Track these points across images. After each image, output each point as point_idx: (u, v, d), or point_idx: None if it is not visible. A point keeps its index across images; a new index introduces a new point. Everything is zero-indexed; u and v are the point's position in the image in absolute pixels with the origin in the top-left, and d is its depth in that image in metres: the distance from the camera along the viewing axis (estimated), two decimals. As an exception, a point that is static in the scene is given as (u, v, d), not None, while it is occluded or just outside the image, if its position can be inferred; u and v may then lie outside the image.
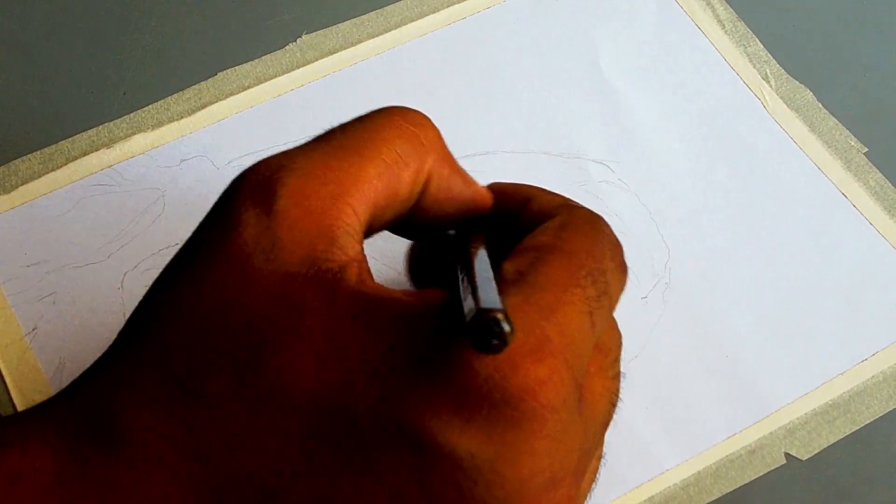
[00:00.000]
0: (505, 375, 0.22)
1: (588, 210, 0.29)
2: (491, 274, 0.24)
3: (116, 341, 0.25)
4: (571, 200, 0.30)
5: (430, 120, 0.29)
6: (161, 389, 0.23)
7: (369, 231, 0.27)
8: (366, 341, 0.23)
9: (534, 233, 0.27)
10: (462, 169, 0.30)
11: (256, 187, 0.25)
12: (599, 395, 0.26)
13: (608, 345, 0.28)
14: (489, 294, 0.22)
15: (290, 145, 0.46)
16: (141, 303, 0.25)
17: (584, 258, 0.26)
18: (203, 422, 0.23)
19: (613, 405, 0.27)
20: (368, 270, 0.25)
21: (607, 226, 0.29)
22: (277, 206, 0.24)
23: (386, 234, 0.30)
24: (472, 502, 0.22)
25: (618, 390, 0.28)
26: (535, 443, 0.22)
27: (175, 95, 0.48)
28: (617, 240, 0.29)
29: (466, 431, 0.22)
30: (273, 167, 0.25)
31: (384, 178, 0.26)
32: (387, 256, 0.43)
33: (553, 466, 0.23)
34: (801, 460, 0.40)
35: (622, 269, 0.28)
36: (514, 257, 0.26)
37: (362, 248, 0.25)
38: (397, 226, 0.29)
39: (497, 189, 0.31)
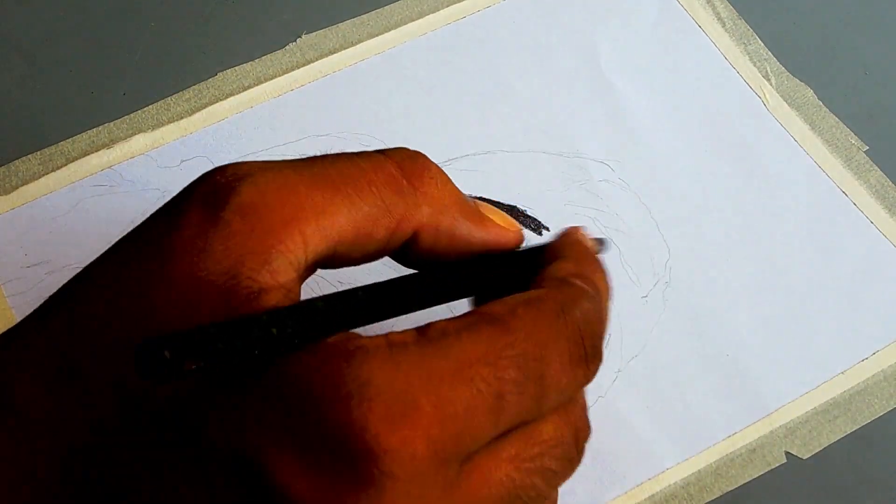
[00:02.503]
0: (355, 432, 0.22)
1: (576, 292, 0.27)
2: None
3: (30, 314, 0.26)
4: (586, 273, 0.28)
5: (433, 168, 0.28)
6: (49, 369, 0.24)
7: (330, 264, 0.27)
8: None
9: (500, 299, 0.26)
10: (477, 212, 0.29)
11: (212, 191, 0.25)
12: (496, 481, 0.25)
13: (543, 437, 0.26)
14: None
15: (290, 145, 0.47)
16: (76, 275, 0.26)
17: (521, 339, 0.25)
18: (74, 407, 0.24)
19: (516, 497, 0.25)
20: (294, 301, 0.25)
21: (586, 313, 0.27)
22: (223, 214, 0.24)
23: None
24: None
25: (534, 486, 0.26)
26: (377, 502, 0.22)
27: (175, 95, 0.48)
28: (589, 331, 0.27)
29: (304, 476, 0.22)
30: (237, 174, 0.25)
31: (354, 219, 0.26)
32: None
33: None
34: (802, 459, 0.40)
35: (580, 362, 0.26)
36: (459, 317, 0.25)
37: (299, 278, 0.25)
38: (402, 261, 0.29)
39: (561, 235, 0.30)
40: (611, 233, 0.45)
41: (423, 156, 0.28)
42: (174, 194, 0.26)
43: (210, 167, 0.46)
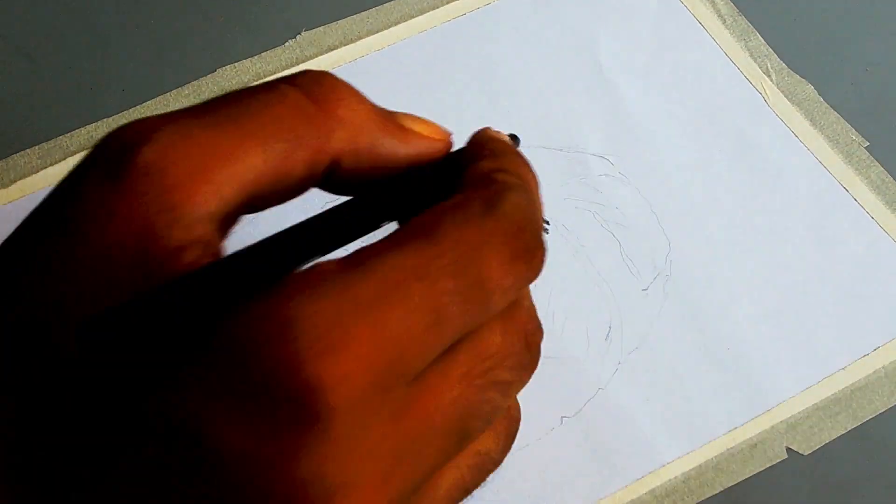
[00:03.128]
0: (289, 371, 0.21)
1: (500, 186, 0.26)
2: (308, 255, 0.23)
3: None
4: (508, 167, 0.27)
5: (343, 88, 0.26)
6: None
7: (253, 207, 0.25)
8: None
9: (426, 211, 0.25)
10: (399, 126, 0.27)
11: (111, 156, 0.24)
12: (447, 402, 0.24)
13: (492, 349, 0.25)
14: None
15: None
16: None
17: (449, 245, 0.23)
18: None
19: (470, 415, 0.24)
20: (216, 254, 0.24)
21: (518, 204, 0.25)
22: (124, 178, 0.23)
23: None
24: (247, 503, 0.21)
25: (488, 401, 0.25)
26: (317, 445, 0.21)
27: (174, 92, 0.48)
28: (524, 222, 0.25)
29: (241, 427, 0.21)
30: (135, 134, 0.24)
31: (266, 158, 0.24)
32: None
33: (343, 471, 0.21)
34: (803, 455, 0.40)
35: (522, 257, 0.25)
36: (384, 238, 0.24)
37: (218, 230, 0.24)
38: (329, 188, 0.27)
39: (473, 138, 0.29)
40: (611, 226, 0.45)
41: (330, 75, 0.26)
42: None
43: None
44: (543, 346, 0.41)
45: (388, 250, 0.23)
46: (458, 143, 0.29)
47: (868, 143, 0.47)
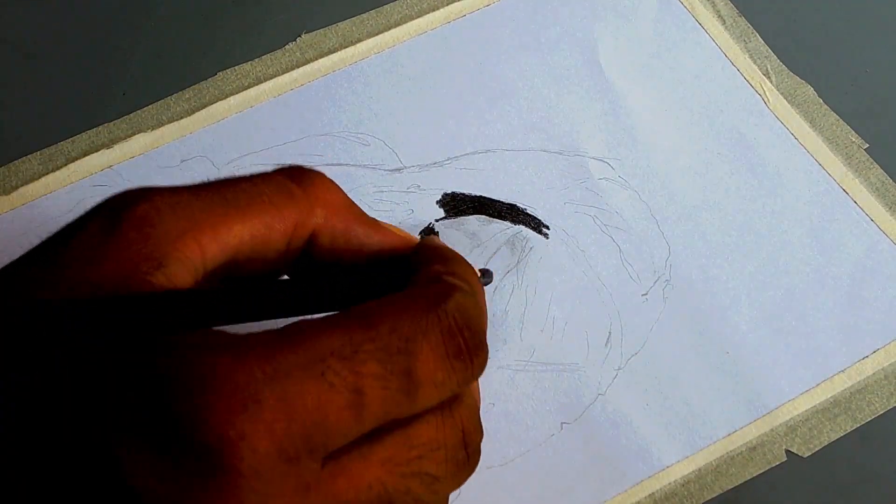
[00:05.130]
0: (196, 425, 0.22)
1: (446, 286, 0.27)
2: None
3: None
4: (456, 271, 0.28)
5: (323, 177, 0.29)
6: None
7: (235, 272, 0.28)
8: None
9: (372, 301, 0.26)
10: (370, 220, 0.30)
11: (112, 207, 0.26)
12: (364, 484, 0.24)
13: (421, 439, 0.26)
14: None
15: (290, 145, 0.47)
16: None
17: (383, 332, 0.24)
18: None
19: (389, 503, 0.25)
20: None
21: (461, 305, 0.27)
22: (119, 225, 0.26)
23: None
24: None
25: (409, 492, 0.25)
26: (219, 498, 0.22)
27: (175, 95, 0.48)
28: (466, 323, 0.26)
29: (153, 468, 0.22)
30: (135, 196, 0.26)
31: (250, 226, 0.27)
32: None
33: None
34: (802, 457, 0.40)
35: (459, 355, 0.26)
36: (326, 316, 0.25)
37: (195, 284, 0.26)
38: (309, 273, 0.30)
39: (422, 243, 0.31)
40: (611, 230, 0.45)
41: (314, 169, 0.29)
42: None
43: (210, 167, 0.47)
44: (543, 352, 0.42)
45: (320, 327, 0.24)
46: (455, 145, 0.30)
47: (868, 145, 0.47)
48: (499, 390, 0.41)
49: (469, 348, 0.26)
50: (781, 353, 0.42)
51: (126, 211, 0.26)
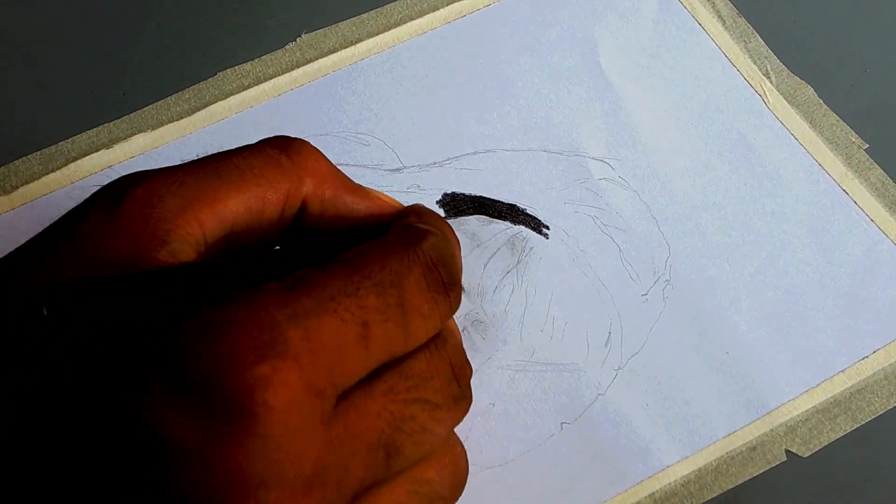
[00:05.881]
0: (223, 367, 0.23)
1: (421, 230, 0.29)
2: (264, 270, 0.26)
3: None
4: (430, 222, 0.31)
5: (309, 146, 0.30)
6: None
7: (233, 244, 0.29)
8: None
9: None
10: (357, 186, 0.31)
11: (110, 193, 0.27)
12: (373, 413, 0.26)
13: (416, 370, 0.27)
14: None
15: (290, 144, 0.46)
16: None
17: (375, 269, 0.26)
18: None
19: (396, 429, 0.26)
20: None
21: (435, 244, 0.29)
22: (119, 208, 0.27)
23: None
24: (179, 488, 0.23)
25: (412, 417, 0.27)
26: (245, 440, 0.23)
27: (175, 95, 0.48)
28: (440, 259, 0.28)
29: (179, 417, 0.22)
30: (132, 179, 0.28)
31: (244, 199, 0.28)
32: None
33: (267, 469, 0.23)
34: (802, 457, 0.40)
35: (439, 289, 0.28)
36: (321, 266, 0.27)
37: (198, 258, 0.27)
38: (301, 242, 0.31)
39: (408, 207, 0.32)
40: (611, 231, 0.45)
41: (301, 139, 0.31)
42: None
43: (210, 167, 0.46)
44: (543, 352, 0.42)
45: (322, 272, 0.26)
46: (455, 146, 0.30)
47: (868, 146, 0.47)
48: (499, 390, 0.41)
49: (445, 283, 0.28)
50: (781, 353, 0.42)
51: (125, 195, 0.27)
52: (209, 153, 0.46)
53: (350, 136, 0.47)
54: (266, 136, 0.46)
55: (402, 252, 0.27)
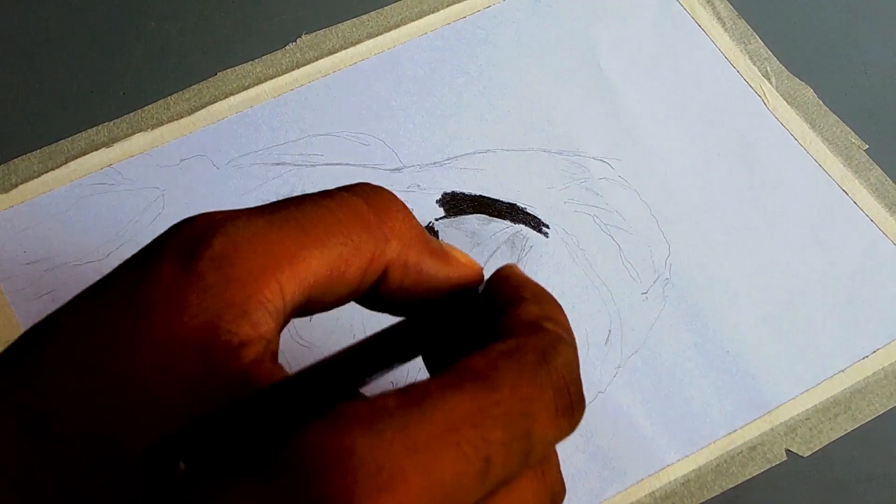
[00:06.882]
0: (344, 502, 0.20)
1: (552, 338, 0.26)
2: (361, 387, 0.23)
3: (5, 351, 0.25)
4: (554, 316, 0.27)
5: (398, 203, 0.27)
6: (13, 421, 0.23)
7: (305, 311, 0.26)
8: None
9: (478, 351, 0.25)
10: (439, 248, 0.28)
11: (185, 243, 0.24)
12: None
13: (529, 500, 0.25)
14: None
15: (290, 145, 0.47)
16: (42, 320, 0.25)
17: (506, 395, 0.23)
18: (40, 463, 0.22)
19: None
20: (274, 352, 0.24)
21: (567, 359, 0.26)
22: (197, 267, 0.24)
23: None
24: None
25: None
26: None
27: (175, 95, 0.48)
28: (572, 378, 0.26)
29: None
30: (209, 225, 0.25)
31: (327, 261, 0.25)
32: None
33: None
34: (803, 457, 0.40)
35: (567, 412, 0.25)
36: (441, 375, 0.24)
37: (278, 328, 0.25)
38: (368, 304, 0.28)
39: (501, 275, 0.29)
40: (611, 230, 0.45)
41: (387, 190, 0.28)
42: (146, 244, 0.25)
43: (210, 166, 0.46)
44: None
45: (445, 391, 0.23)
46: (455, 145, 0.29)
47: (867, 146, 0.47)
48: (498, 389, 0.41)
49: (573, 405, 0.25)
50: (781, 352, 0.42)
51: (202, 247, 0.24)
52: (208, 152, 0.47)
53: (350, 136, 0.47)
54: (266, 137, 0.47)
55: (534, 371, 0.24)
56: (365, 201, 0.26)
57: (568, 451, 0.40)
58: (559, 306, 0.28)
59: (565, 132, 0.48)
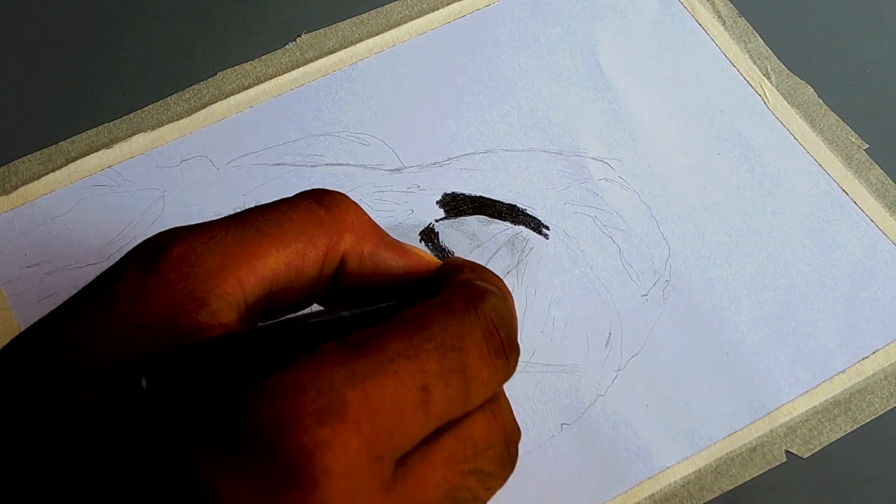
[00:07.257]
0: (282, 431, 0.22)
1: (480, 289, 0.28)
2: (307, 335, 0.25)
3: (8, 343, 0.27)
4: (486, 278, 0.30)
5: (348, 200, 0.30)
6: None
7: (272, 306, 0.28)
8: None
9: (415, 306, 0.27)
10: (395, 242, 0.30)
11: (146, 252, 0.27)
12: (431, 483, 0.25)
13: (475, 438, 0.27)
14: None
15: (290, 145, 0.47)
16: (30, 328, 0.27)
17: (436, 332, 0.25)
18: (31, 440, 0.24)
19: (452, 499, 0.26)
20: None
21: (494, 305, 0.28)
22: (157, 268, 0.26)
23: None
24: None
25: (469, 488, 0.26)
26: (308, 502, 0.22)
27: (175, 95, 0.48)
28: (501, 322, 0.28)
29: (237, 482, 0.22)
30: (170, 236, 0.27)
31: (284, 256, 0.27)
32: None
33: None
34: (802, 458, 0.40)
35: (499, 353, 0.27)
36: (378, 325, 0.26)
37: (240, 318, 0.26)
38: (336, 299, 0.30)
39: (448, 262, 0.31)
40: (611, 231, 0.45)
41: (339, 192, 0.30)
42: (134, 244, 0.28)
43: (210, 167, 0.47)
44: (543, 353, 0.42)
45: (381, 333, 0.25)
46: (455, 146, 0.30)
47: (868, 146, 0.47)
48: (499, 391, 0.41)
49: (505, 347, 0.27)
50: (781, 353, 0.42)
51: (162, 254, 0.26)
52: (209, 153, 0.47)
53: (350, 136, 0.47)
54: (266, 137, 0.47)
55: (462, 314, 0.27)
56: (317, 202, 0.29)
57: (568, 453, 0.40)
58: (496, 276, 0.30)
59: (565, 132, 0.47)
